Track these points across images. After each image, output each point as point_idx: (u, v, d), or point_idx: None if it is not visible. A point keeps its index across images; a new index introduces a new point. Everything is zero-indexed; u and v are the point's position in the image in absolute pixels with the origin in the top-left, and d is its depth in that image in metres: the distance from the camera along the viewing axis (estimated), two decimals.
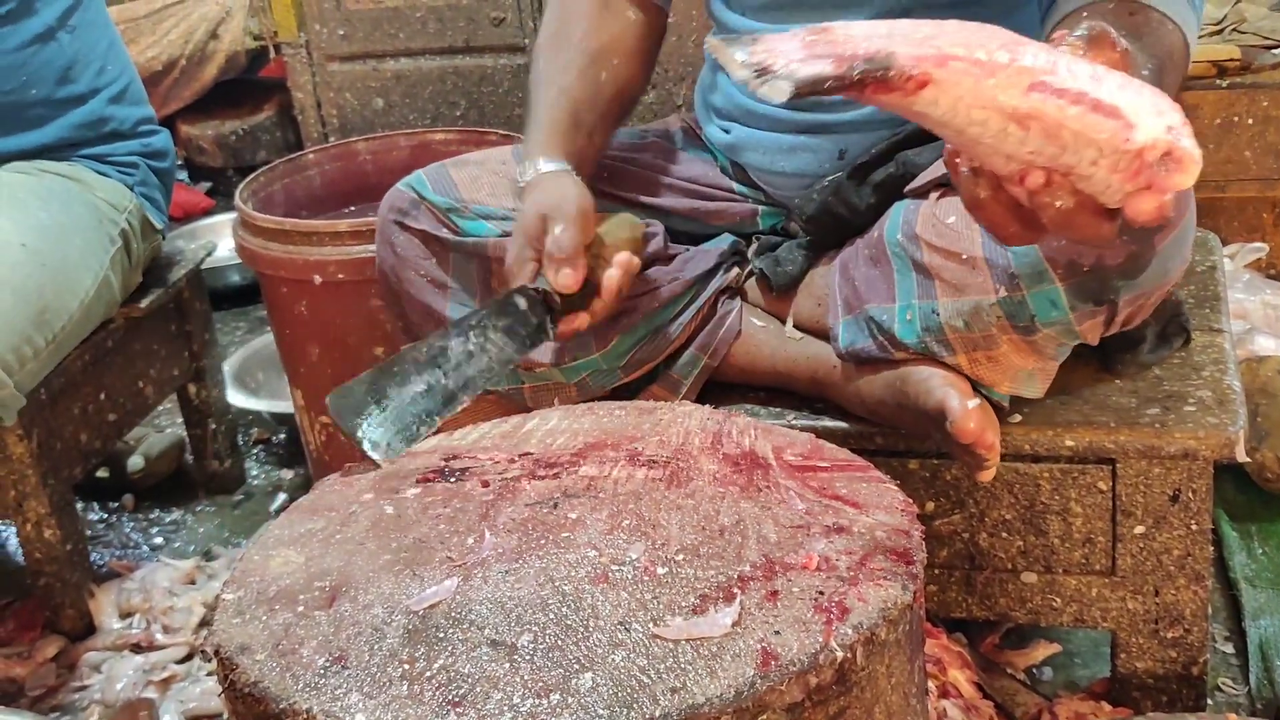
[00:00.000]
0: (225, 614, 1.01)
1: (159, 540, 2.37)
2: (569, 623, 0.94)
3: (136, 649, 2.03)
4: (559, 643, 0.92)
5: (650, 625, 0.93)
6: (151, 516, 2.44)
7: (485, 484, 1.13)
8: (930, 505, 1.58)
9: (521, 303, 1.36)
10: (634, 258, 1.45)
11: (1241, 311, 2.30)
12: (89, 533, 2.39)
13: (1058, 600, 1.58)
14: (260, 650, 0.96)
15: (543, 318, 1.36)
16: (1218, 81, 2.42)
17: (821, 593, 0.95)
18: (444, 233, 1.57)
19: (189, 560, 2.21)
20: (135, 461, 2.47)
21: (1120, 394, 1.54)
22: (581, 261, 1.37)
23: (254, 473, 2.55)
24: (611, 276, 1.41)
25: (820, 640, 0.90)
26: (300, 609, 1.00)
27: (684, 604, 0.95)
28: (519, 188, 1.49)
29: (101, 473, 2.47)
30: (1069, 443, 1.49)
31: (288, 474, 2.51)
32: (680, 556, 1.00)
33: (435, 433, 1.25)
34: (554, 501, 1.09)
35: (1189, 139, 0.88)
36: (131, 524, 2.42)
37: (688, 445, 1.18)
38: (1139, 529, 1.52)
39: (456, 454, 1.21)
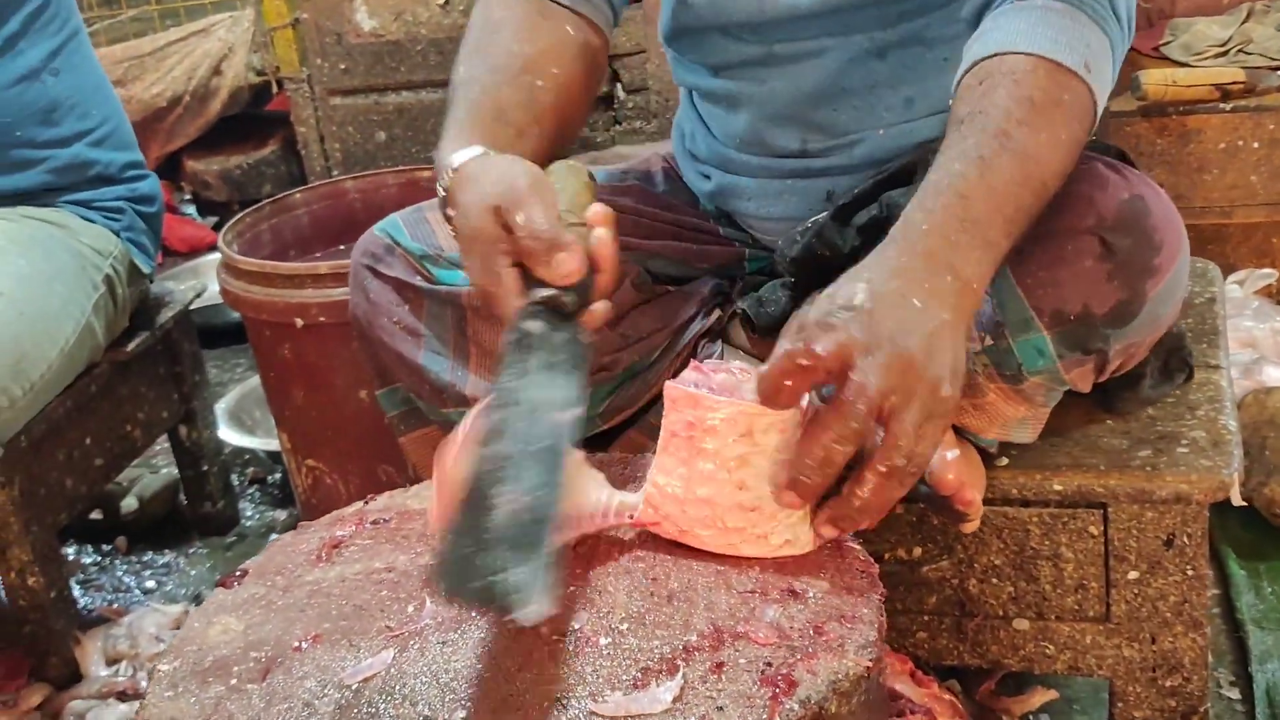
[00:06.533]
0: (159, 687, 0.98)
1: (151, 584, 2.34)
2: (504, 697, 0.90)
3: (122, 697, 2.00)
4: None
5: (588, 701, 0.89)
6: (144, 559, 2.42)
7: (432, 546, 1.10)
8: (918, 550, 1.54)
9: (535, 327, 1.11)
10: (605, 208, 1.20)
11: (1250, 340, 2.24)
12: (81, 576, 2.38)
13: (1051, 648, 1.53)
14: None
15: (562, 326, 1.12)
16: (1221, 105, 2.36)
17: (769, 664, 0.91)
18: (418, 280, 1.54)
19: (177, 606, 2.18)
20: (129, 503, 2.46)
21: (1112, 435, 1.50)
22: (570, 239, 1.13)
23: (248, 513, 2.53)
24: (603, 239, 1.18)
25: (764, 717, 0.86)
26: (234, 681, 0.96)
27: (625, 677, 0.91)
28: (441, 198, 1.26)
29: (95, 514, 2.46)
30: (1057, 487, 1.44)
31: (281, 514, 2.49)
32: (625, 625, 0.96)
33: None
34: None
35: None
36: (124, 567, 2.40)
37: None
38: (1133, 574, 1.47)
39: (407, 513, 1.17)
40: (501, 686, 0.91)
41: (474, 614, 0.97)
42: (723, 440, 1.00)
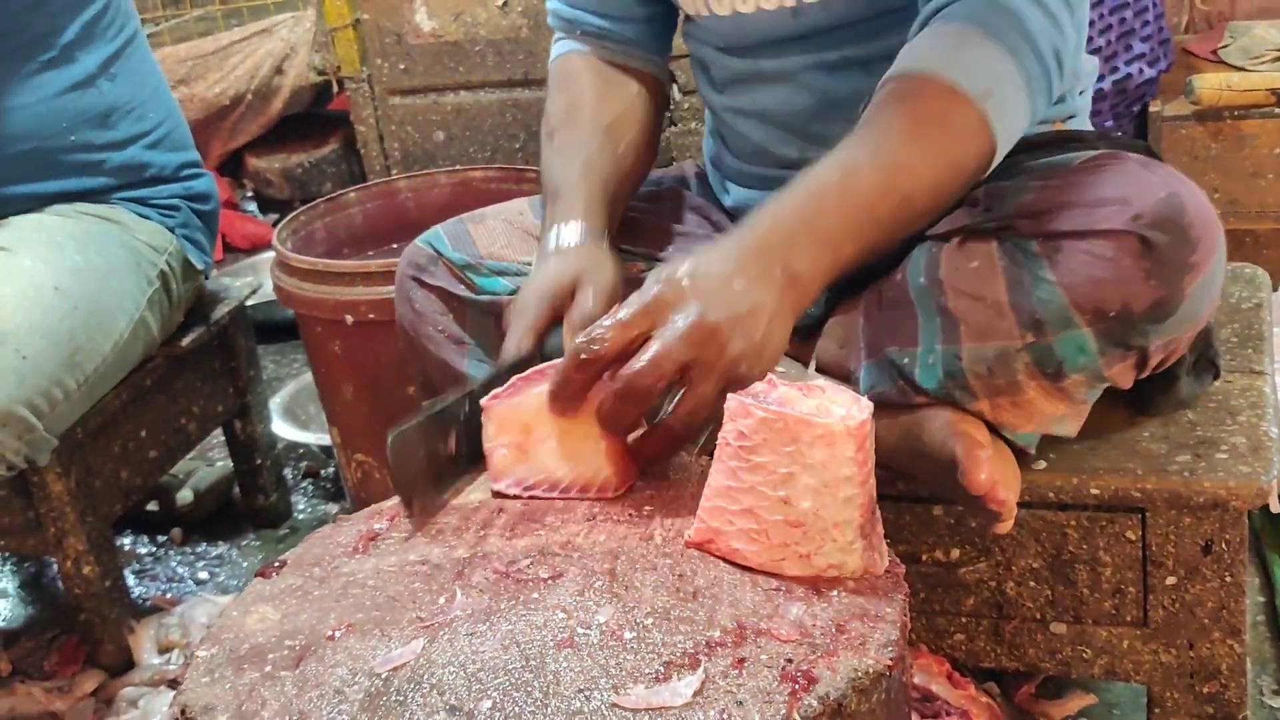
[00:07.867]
0: (196, 672, 1.00)
1: (204, 574, 2.39)
2: (530, 689, 0.92)
3: (173, 685, 2.04)
4: (517, 710, 0.90)
5: (611, 693, 0.90)
6: (198, 550, 2.46)
7: (465, 540, 1.12)
8: (955, 552, 1.54)
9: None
10: None
11: None
12: (136, 565, 2.42)
13: (1088, 652, 1.53)
14: (223, 711, 0.95)
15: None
16: (1277, 110, 2.34)
17: (790, 660, 0.92)
18: (461, 290, 1.57)
19: (229, 596, 2.22)
20: (184, 495, 2.50)
21: (1151, 439, 1.49)
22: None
23: (301, 506, 2.57)
24: None
25: (783, 712, 0.87)
26: (268, 669, 0.99)
27: (648, 671, 0.92)
28: (547, 250, 1.43)
29: (151, 505, 2.51)
30: (1094, 490, 1.44)
31: (333, 508, 2.53)
32: (649, 620, 0.97)
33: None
34: (530, 559, 1.07)
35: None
36: (178, 557, 2.45)
37: (679, 498, 1.15)
38: (1170, 580, 1.46)
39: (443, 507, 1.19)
40: (526, 678, 0.93)
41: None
42: (770, 452, 1.00)
